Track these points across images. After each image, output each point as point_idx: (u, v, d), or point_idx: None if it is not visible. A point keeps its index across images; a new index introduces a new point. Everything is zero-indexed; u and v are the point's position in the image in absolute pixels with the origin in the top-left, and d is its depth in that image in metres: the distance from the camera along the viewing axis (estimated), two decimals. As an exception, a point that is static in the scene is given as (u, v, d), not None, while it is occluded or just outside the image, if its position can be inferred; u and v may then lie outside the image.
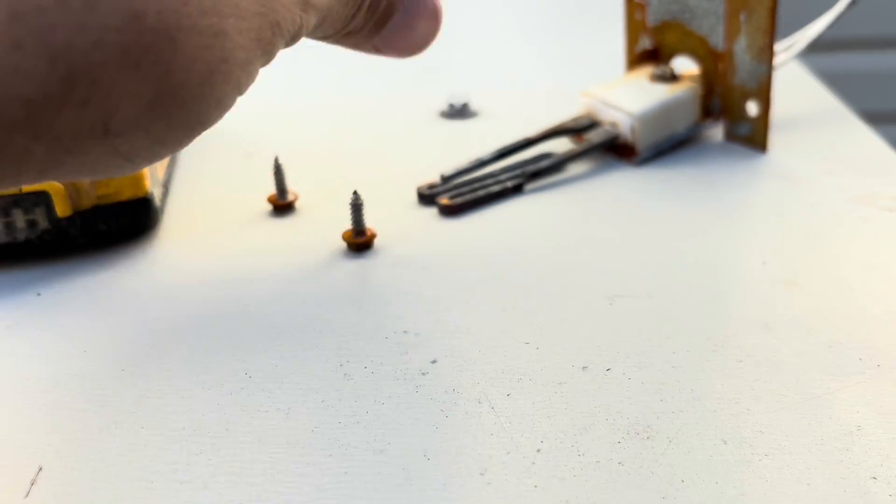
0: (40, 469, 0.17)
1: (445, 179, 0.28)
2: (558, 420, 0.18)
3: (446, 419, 0.18)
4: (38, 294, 0.23)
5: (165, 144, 0.16)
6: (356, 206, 0.24)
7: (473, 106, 0.34)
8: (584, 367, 0.19)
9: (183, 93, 0.15)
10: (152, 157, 0.16)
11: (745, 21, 0.28)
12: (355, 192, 0.24)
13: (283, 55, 0.18)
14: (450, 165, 0.28)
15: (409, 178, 0.28)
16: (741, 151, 0.29)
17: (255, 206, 0.27)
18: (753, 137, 0.29)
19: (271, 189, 0.28)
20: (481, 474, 0.16)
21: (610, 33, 0.39)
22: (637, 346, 0.20)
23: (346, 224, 0.25)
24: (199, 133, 0.16)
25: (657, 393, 0.18)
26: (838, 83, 0.40)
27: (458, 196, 0.27)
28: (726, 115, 0.30)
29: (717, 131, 0.31)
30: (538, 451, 0.17)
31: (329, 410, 0.18)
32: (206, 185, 0.29)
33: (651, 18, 0.31)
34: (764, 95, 0.28)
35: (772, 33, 0.27)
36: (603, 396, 0.18)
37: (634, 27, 0.32)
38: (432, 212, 0.27)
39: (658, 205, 0.26)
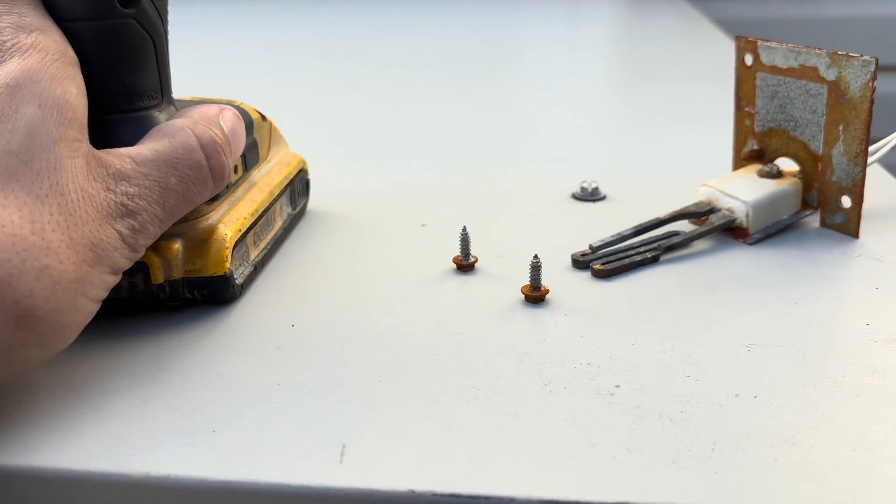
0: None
1: (594, 249, 0.34)
2: (723, 431, 0.24)
3: (637, 427, 0.24)
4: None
5: (43, 347, 0.23)
6: (536, 267, 0.31)
7: (602, 189, 0.41)
8: (736, 395, 0.25)
9: (35, 310, 0.22)
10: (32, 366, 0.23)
11: (843, 131, 0.34)
12: (536, 256, 0.31)
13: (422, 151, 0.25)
14: (584, 241, 0.34)
15: (556, 248, 0.35)
16: (836, 236, 0.35)
17: (441, 266, 0.34)
18: (846, 225, 0.35)
19: (430, 256, 0.34)
20: (673, 462, 0.22)
21: (718, 133, 0.46)
22: (774, 380, 0.26)
23: (517, 283, 0.32)
24: (67, 333, 0.24)
25: (796, 414, 0.24)
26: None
27: (607, 263, 0.33)
28: (823, 206, 0.36)
29: (813, 220, 0.37)
30: (713, 449, 0.23)
31: (542, 416, 0.24)
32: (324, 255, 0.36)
33: (758, 125, 0.38)
34: (858, 191, 0.35)
35: (866, 142, 0.34)
36: (754, 416, 0.24)
37: (743, 131, 0.38)
38: (586, 275, 0.33)
39: (772, 276, 0.32)
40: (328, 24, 0.87)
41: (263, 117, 0.35)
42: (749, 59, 0.37)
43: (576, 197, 0.41)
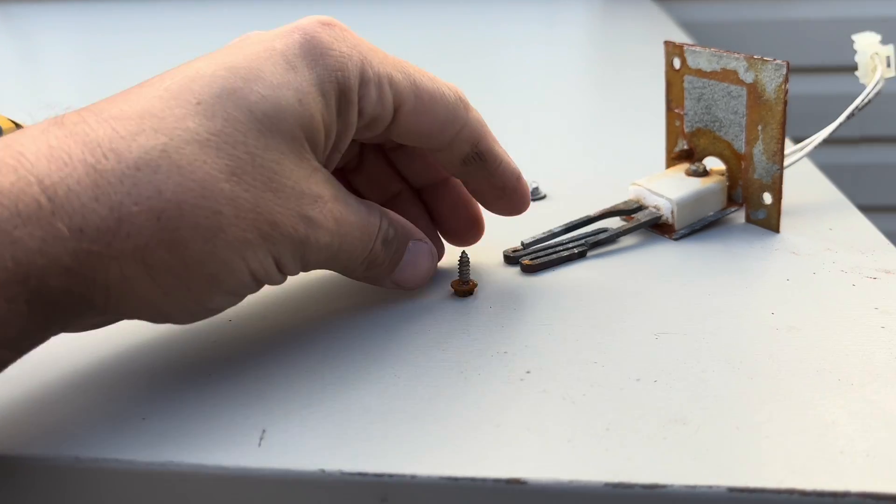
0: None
1: (525, 245, 0.36)
2: (619, 412, 0.25)
3: (540, 409, 0.25)
4: (231, 319, 0.31)
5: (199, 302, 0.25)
6: (463, 262, 0.32)
7: (542, 189, 0.43)
8: (637, 379, 0.27)
9: (191, 258, 0.23)
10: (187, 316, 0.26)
11: (762, 131, 0.36)
12: (464, 252, 0.33)
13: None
14: (519, 238, 0.36)
15: (492, 245, 0.36)
16: (759, 231, 0.37)
17: (380, 262, 0.35)
18: (768, 221, 0.37)
19: None
20: (569, 441, 0.24)
21: (653, 134, 0.47)
22: (676, 366, 0.27)
23: (450, 278, 0.33)
24: (215, 298, 0.26)
25: (690, 396, 0.26)
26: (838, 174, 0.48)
27: (536, 258, 0.35)
28: (747, 203, 0.38)
29: (739, 216, 0.38)
30: (607, 429, 0.24)
31: (454, 400, 0.26)
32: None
33: (687, 126, 0.39)
34: (777, 188, 0.36)
35: (782, 141, 0.35)
36: (650, 398, 0.26)
37: (673, 131, 0.40)
38: (516, 270, 0.35)
39: (691, 270, 0.34)
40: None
41: (17, 125, 0.36)
42: (677, 63, 0.39)
43: (518, 196, 0.43)
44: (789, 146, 0.40)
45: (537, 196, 0.42)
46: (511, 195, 0.32)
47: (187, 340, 0.30)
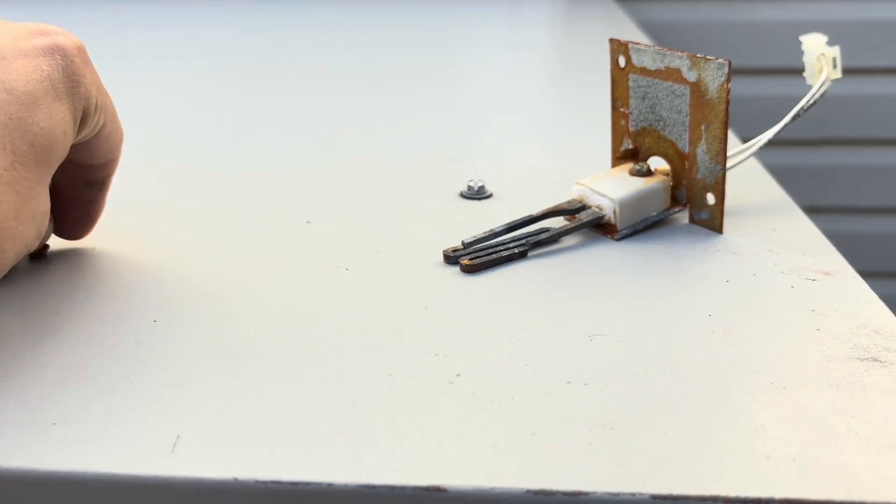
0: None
1: (466, 245, 0.35)
2: (546, 416, 0.25)
3: (466, 414, 0.25)
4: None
5: None
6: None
7: (489, 188, 0.42)
8: (567, 382, 0.26)
9: None
10: None
11: (705, 130, 0.36)
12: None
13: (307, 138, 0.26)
14: (467, 236, 0.36)
15: (434, 245, 0.35)
16: (702, 232, 0.37)
17: (317, 263, 0.35)
18: (711, 221, 0.37)
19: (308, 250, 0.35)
20: (493, 447, 0.23)
21: (603, 133, 0.47)
22: (608, 368, 0.27)
23: (388, 280, 0.32)
24: None
25: (620, 400, 0.25)
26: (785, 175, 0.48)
27: (476, 258, 0.34)
28: (690, 203, 0.37)
29: (683, 216, 0.38)
30: (533, 434, 0.24)
31: (379, 404, 0.25)
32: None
33: (632, 125, 0.39)
34: (719, 188, 0.36)
35: (724, 141, 0.35)
36: (579, 402, 0.25)
37: (619, 130, 0.40)
38: (455, 270, 0.34)
39: (631, 270, 0.34)
40: (253, 23, 0.88)
41: None
42: (622, 61, 0.38)
43: (463, 195, 0.42)
44: (736, 146, 0.40)
45: (483, 195, 0.42)
46: (88, 224, 0.35)
47: (107, 339, 0.29)
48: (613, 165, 0.40)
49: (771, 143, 0.40)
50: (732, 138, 0.50)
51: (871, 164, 1.03)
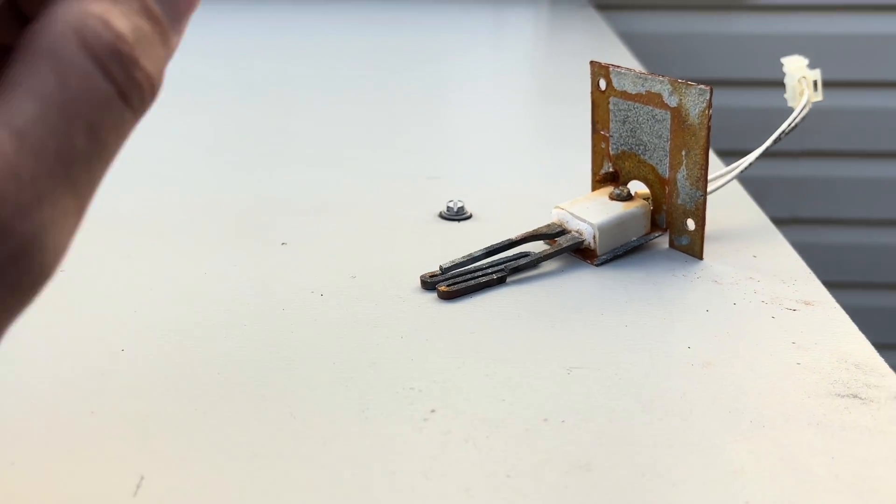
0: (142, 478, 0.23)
1: (444, 270, 0.35)
2: (522, 457, 0.24)
3: (441, 454, 0.24)
4: (123, 348, 0.29)
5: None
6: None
7: (468, 208, 0.42)
8: (545, 419, 0.26)
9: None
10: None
11: (686, 156, 0.35)
12: (374, 279, 0.31)
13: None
14: (441, 261, 0.35)
15: (412, 268, 0.35)
16: (682, 258, 0.36)
17: (290, 288, 0.34)
18: (692, 247, 0.36)
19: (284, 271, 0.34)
20: (466, 490, 0.23)
21: (582, 154, 0.46)
22: (586, 404, 0.26)
23: (364, 304, 0.32)
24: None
25: (597, 438, 0.25)
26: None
27: (454, 284, 0.34)
28: (670, 229, 0.37)
29: (663, 241, 0.38)
30: (508, 476, 0.23)
31: (351, 443, 0.25)
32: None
33: (612, 148, 0.38)
34: (700, 214, 0.36)
35: (705, 167, 0.35)
36: (557, 441, 0.25)
37: (599, 154, 0.39)
38: (433, 296, 0.33)
39: (611, 298, 0.33)
40: (221, 29, 0.86)
41: None
42: (602, 84, 0.38)
43: (442, 216, 0.41)
44: (718, 168, 0.40)
45: (463, 216, 0.41)
46: None
47: (70, 371, 0.28)
48: (593, 189, 0.40)
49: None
50: (714, 158, 0.49)
51: (851, 175, 1.03)
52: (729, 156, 0.48)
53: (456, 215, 0.41)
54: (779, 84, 0.41)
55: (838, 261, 1.07)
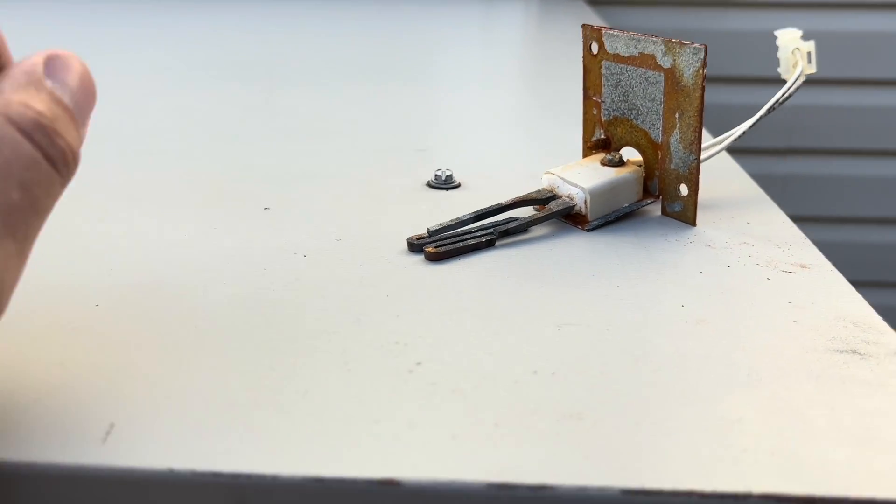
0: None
1: (431, 233, 0.34)
2: (512, 406, 0.23)
3: (427, 404, 0.23)
4: (96, 304, 0.28)
5: None
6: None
7: (457, 178, 0.41)
8: (534, 372, 0.25)
9: None
10: None
11: (679, 119, 0.35)
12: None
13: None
14: (428, 226, 0.34)
15: (398, 233, 0.34)
16: (675, 224, 0.36)
17: (272, 249, 0.33)
18: (685, 213, 0.36)
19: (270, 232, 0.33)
20: (453, 438, 0.22)
21: (572, 125, 0.46)
22: (577, 358, 0.25)
23: (350, 266, 0.31)
24: None
25: (589, 390, 0.24)
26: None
27: (441, 246, 0.33)
28: (663, 195, 0.36)
29: (656, 207, 0.37)
30: (496, 424, 0.22)
31: (332, 394, 0.23)
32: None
33: (604, 114, 0.38)
34: (693, 179, 0.35)
35: (699, 129, 0.34)
36: (546, 392, 0.24)
37: (590, 120, 0.38)
38: (419, 258, 0.32)
39: (602, 261, 0.32)
40: (226, 21, 0.85)
41: None
42: (594, 48, 0.37)
43: (430, 185, 0.40)
44: (709, 140, 0.39)
45: (451, 184, 0.40)
46: None
47: (42, 323, 0.27)
48: (585, 156, 0.39)
49: (740, 151, 0.39)
50: (705, 133, 0.49)
51: (839, 173, 1.03)
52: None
53: (444, 184, 0.40)
54: (769, 80, 0.41)
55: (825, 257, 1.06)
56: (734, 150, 0.39)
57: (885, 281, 1.07)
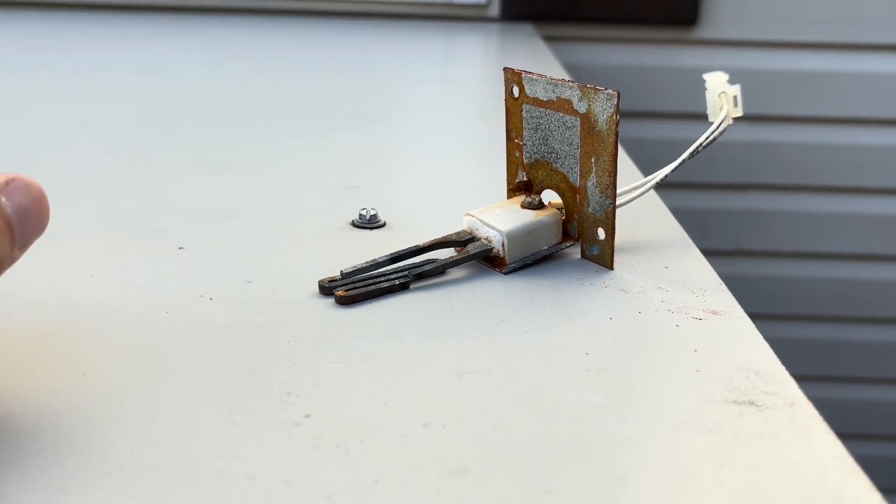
0: None
1: (345, 275, 0.33)
2: (394, 462, 0.22)
3: (307, 459, 0.22)
4: None
5: None
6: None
7: (383, 217, 0.40)
8: (425, 424, 0.24)
9: None
10: None
11: (595, 163, 0.35)
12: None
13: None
14: (352, 266, 0.34)
15: (314, 274, 0.33)
16: (593, 268, 0.35)
17: (180, 292, 0.32)
18: (602, 257, 0.36)
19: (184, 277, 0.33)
20: (328, 497, 0.21)
21: (499, 166, 0.46)
22: (471, 408, 0.25)
23: (255, 311, 0.30)
24: None
25: (477, 443, 0.23)
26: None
27: (353, 289, 0.32)
28: (581, 238, 0.36)
29: (575, 250, 0.37)
30: (375, 482, 0.22)
31: (212, 449, 0.23)
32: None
33: (526, 157, 0.38)
34: (609, 223, 0.35)
35: (614, 174, 0.34)
36: (433, 446, 0.23)
37: (514, 162, 0.38)
38: (330, 301, 0.32)
39: (514, 305, 0.32)
40: (173, 53, 0.85)
41: None
42: (516, 91, 0.37)
43: (355, 224, 0.40)
44: (637, 179, 0.39)
45: (375, 224, 0.40)
46: None
47: (-80, 374, 0.26)
48: (508, 198, 0.39)
49: (697, 186, 0.39)
50: (634, 170, 0.49)
51: (794, 209, 1.05)
52: (673, 186, 0.48)
53: (368, 223, 0.40)
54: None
55: (780, 293, 1.08)
56: (695, 184, 0.39)
57: (844, 316, 1.08)
